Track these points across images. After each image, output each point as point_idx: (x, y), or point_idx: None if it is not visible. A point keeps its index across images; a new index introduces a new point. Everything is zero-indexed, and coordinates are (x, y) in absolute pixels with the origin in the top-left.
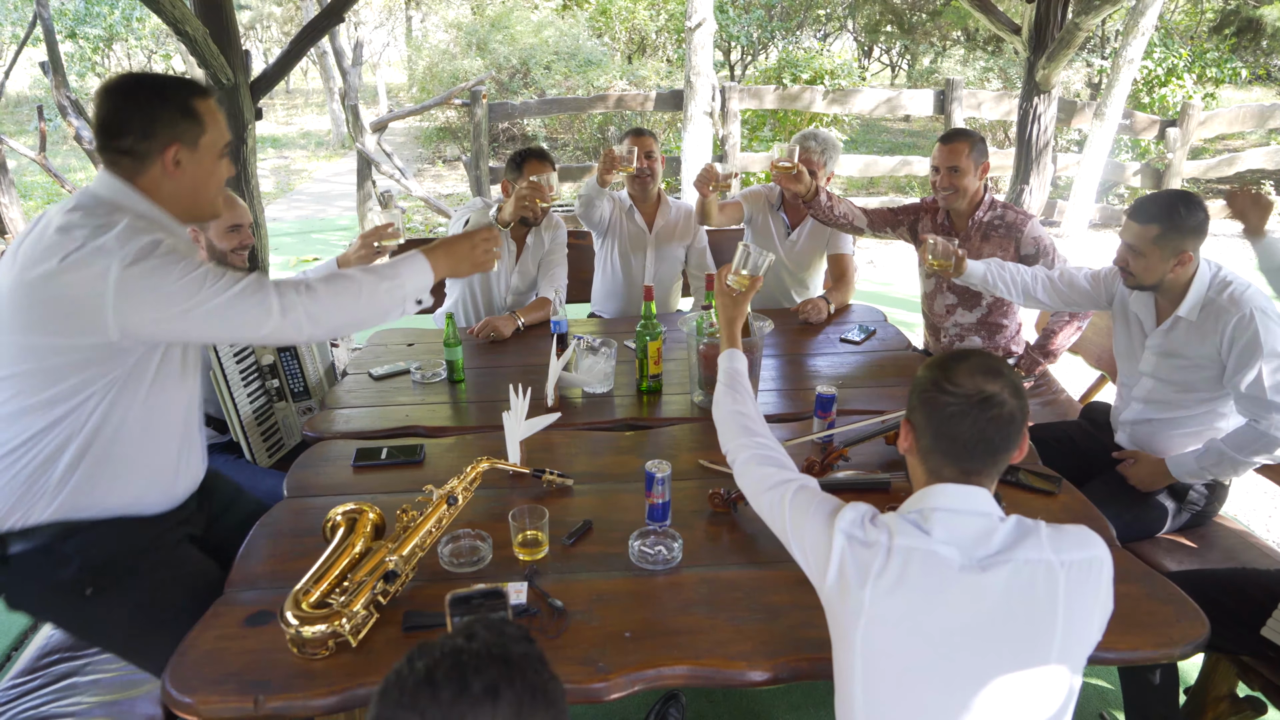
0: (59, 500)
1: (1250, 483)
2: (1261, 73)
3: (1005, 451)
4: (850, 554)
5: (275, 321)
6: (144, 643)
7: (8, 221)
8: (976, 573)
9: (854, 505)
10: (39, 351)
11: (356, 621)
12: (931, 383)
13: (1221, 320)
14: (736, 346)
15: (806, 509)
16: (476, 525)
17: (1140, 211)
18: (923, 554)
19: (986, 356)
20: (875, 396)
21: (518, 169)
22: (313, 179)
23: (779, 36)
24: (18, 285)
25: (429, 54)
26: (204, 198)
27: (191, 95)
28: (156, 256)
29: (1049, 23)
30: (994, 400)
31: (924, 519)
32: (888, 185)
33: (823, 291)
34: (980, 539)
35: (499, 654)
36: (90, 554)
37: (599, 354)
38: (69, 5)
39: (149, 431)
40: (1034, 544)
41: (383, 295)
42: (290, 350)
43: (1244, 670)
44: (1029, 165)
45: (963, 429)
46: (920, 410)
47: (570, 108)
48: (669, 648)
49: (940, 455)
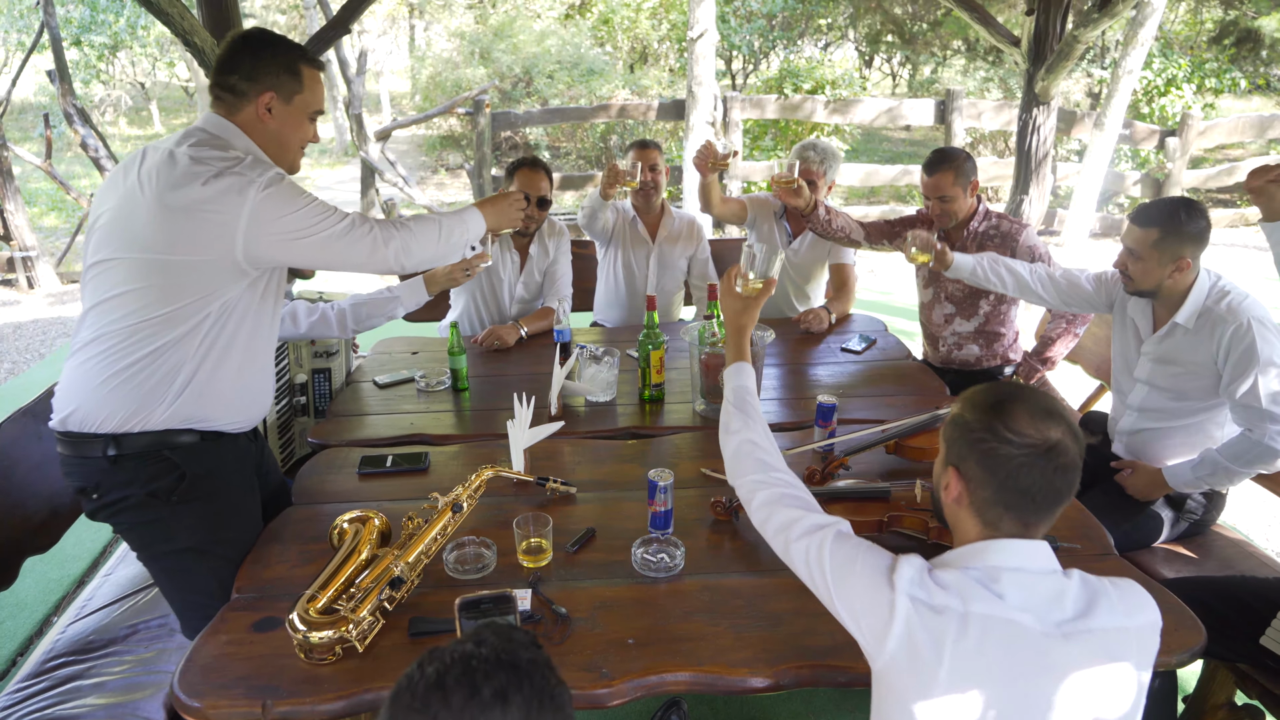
0: (173, 409)
1: (1248, 492)
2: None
3: (1068, 500)
4: (919, 621)
5: (378, 253)
6: (191, 570)
7: (14, 228)
8: (1060, 641)
9: (908, 559)
10: (169, 269)
11: (363, 627)
12: (987, 430)
13: (1218, 329)
14: (746, 359)
15: (852, 563)
16: (481, 532)
17: (1141, 215)
18: (1002, 623)
19: (1038, 395)
20: (876, 406)
21: (510, 176)
22: (316, 186)
23: (780, 46)
24: (157, 207)
25: (432, 63)
26: (287, 149)
27: (300, 58)
28: (286, 184)
29: (1048, 35)
30: (1059, 448)
31: (992, 579)
32: (889, 194)
33: (824, 301)
34: (1054, 601)
35: (508, 660)
36: (188, 463)
37: (602, 363)
38: (74, 13)
39: (250, 353)
40: (1108, 608)
41: (456, 236)
42: (324, 371)
43: (1242, 678)
44: (1028, 176)
45: (1031, 481)
46: (976, 461)
47: (573, 117)
48: (671, 654)
49: (1003, 508)
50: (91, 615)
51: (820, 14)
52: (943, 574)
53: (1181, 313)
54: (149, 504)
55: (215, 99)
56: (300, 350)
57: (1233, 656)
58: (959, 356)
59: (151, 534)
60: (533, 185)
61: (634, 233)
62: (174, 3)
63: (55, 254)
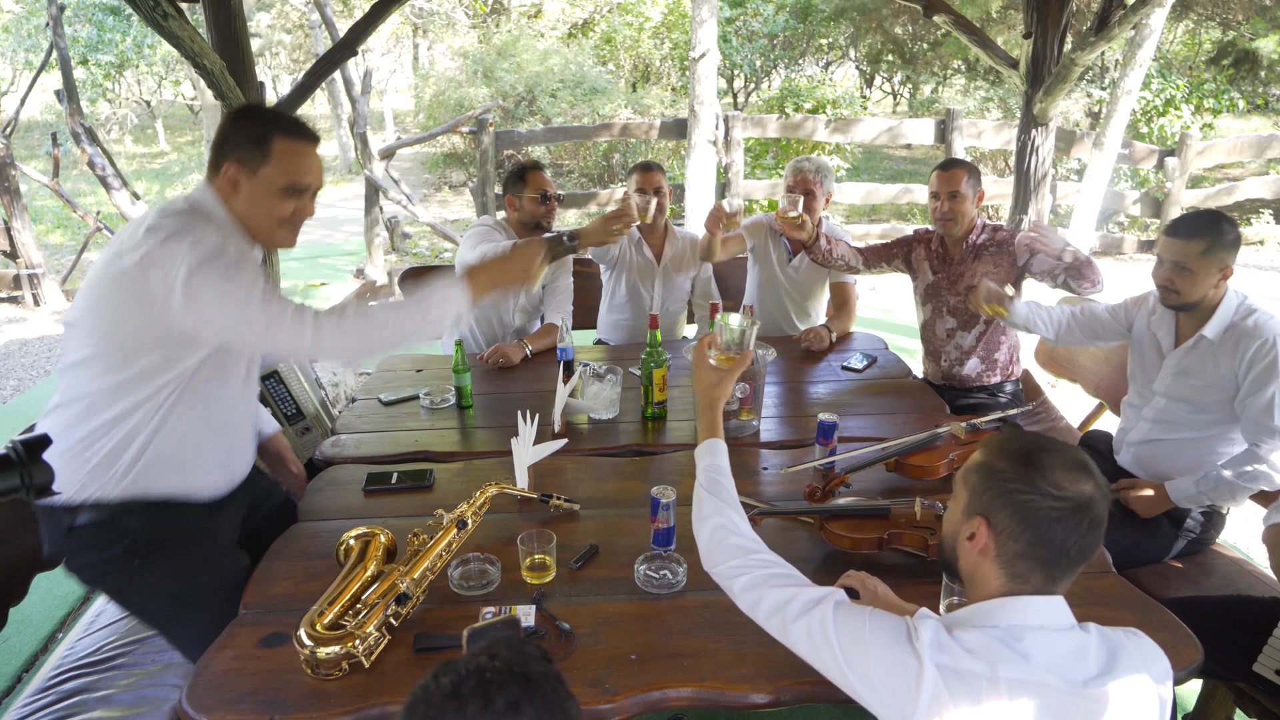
0: (128, 480)
1: (1248, 511)
2: (1260, 102)
3: (1094, 557)
4: (945, 689)
5: (309, 345)
6: (177, 618)
7: (20, 246)
8: (1089, 703)
9: (924, 621)
10: (116, 334)
11: (369, 643)
12: (1024, 481)
13: (1243, 344)
14: (718, 435)
15: (860, 632)
16: (486, 549)
17: (1185, 229)
18: (1031, 686)
19: (1070, 449)
20: (876, 424)
21: (521, 180)
22: (319, 204)
23: (782, 65)
24: (107, 270)
25: (436, 81)
26: (256, 225)
27: (273, 129)
28: (220, 265)
29: (1046, 57)
30: (1093, 504)
31: (1016, 638)
32: (889, 212)
33: (825, 319)
34: (1076, 659)
35: (521, 672)
36: (145, 530)
37: (605, 381)
38: (81, 33)
39: (210, 426)
40: (1128, 663)
41: (410, 327)
42: (274, 375)
43: (1241, 697)
44: (1027, 195)
45: (1065, 536)
46: (1011, 513)
47: (575, 135)
48: (673, 670)
49: (1035, 563)
50: (99, 630)
51: (821, 34)
52: (965, 635)
53: (1210, 326)
54: (112, 570)
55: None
56: None
57: (1231, 675)
58: (959, 373)
59: (125, 595)
60: (544, 184)
61: (640, 256)
62: (184, 26)
63: (61, 271)
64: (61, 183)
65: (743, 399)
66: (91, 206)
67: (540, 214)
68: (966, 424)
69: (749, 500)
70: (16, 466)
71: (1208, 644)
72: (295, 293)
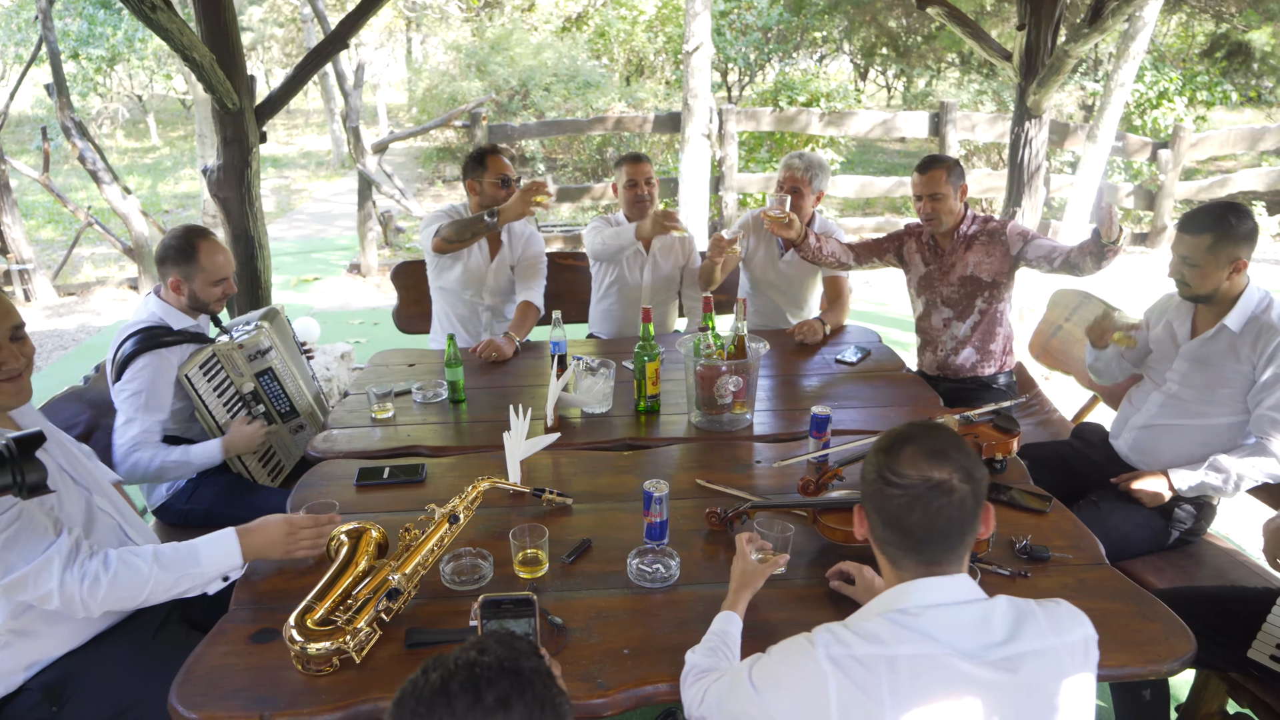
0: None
1: (1240, 502)
2: (1252, 95)
3: (963, 538)
4: (849, 682)
5: (55, 598)
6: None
7: (10, 241)
8: (992, 670)
9: (818, 629)
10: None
11: (360, 638)
12: (877, 472)
13: (1263, 338)
14: (738, 612)
15: (766, 661)
16: (478, 544)
17: (1191, 224)
18: (933, 661)
19: (935, 437)
20: (870, 417)
21: (481, 164)
22: (313, 199)
23: (776, 59)
24: None
25: (429, 75)
26: None
27: None
28: None
29: (1039, 50)
30: (942, 487)
31: (914, 617)
32: (883, 205)
33: (818, 313)
34: (980, 628)
35: (510, 667)
36: (42, 679)
37: (597, 375)
38: (72, 26)
39: None
40: (1035, 630)
41: (170, 587)
42: (269, 372)
43: (1233, 687)
44: (1021, 188)
45: (914, 521)
46: (869, 502)
47: (569, 129)
48: (666, 664)
49: (897, 549)
50: None
51: (815, 27)
52: (865, 625)
53: (1231, 317)
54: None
55: None
56: (234, 359)
57: (1223, 665)
58: (955, 363)
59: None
60: (504, 168)
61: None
62: (173, 19)
63: (52, 267)
64: (52, 178)
65: (736, 392)
66: (83, 201)
67: (500, 198)
68: (960, 416)
69: (742, 494)
70: (9, 464)
71: (1200, 634)
72: (289, 286)
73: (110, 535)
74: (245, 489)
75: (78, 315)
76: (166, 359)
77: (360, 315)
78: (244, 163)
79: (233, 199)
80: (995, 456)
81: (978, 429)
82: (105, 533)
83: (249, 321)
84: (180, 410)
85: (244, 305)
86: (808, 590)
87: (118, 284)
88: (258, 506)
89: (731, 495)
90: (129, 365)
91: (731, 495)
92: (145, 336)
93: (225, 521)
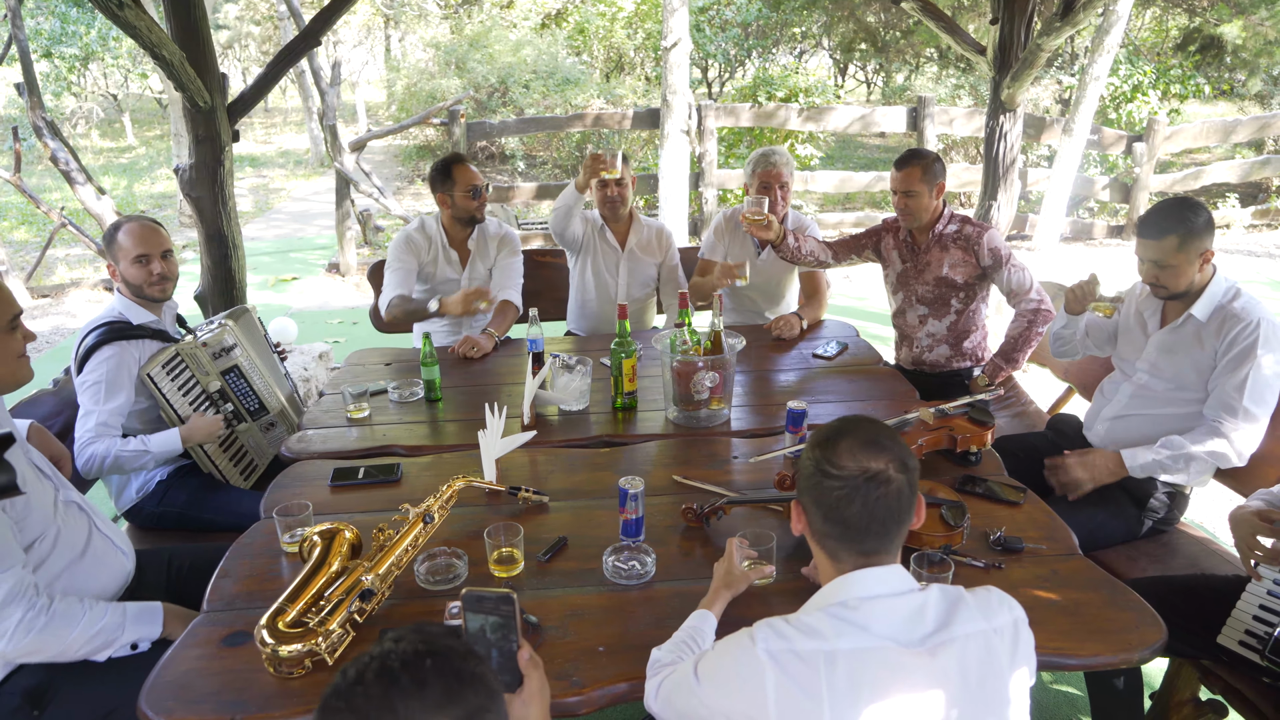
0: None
1: (1212, 491)
2: (1225, 88)
3: (899, 528)
4: (786, 678)
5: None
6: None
7: None
8: (927, 658)
9: (759, 623)
10: None
11: (333, 640)
12: (813, 464)
13: (1227, 324)
14: (713, 611)
15: (710, 655)
16: (452, 543)
17: (1153, 228)
18: (870, 653)
19: (870, 429)
20: (847, 410)
21: (448, 176)
22: (291, 198)
23: (755, 54)
24: None
25: (408, 73)
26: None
27: None
28: None
29: (1013, 44)
30: (879, 478)
31: (852, 610)
32: (863, 200)
33: (796, 307)
34: (915, 618)
35: (425, 650)
36: (23, 683)
37: (574, 372)
38: (44, 25)
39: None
40: (967, 615)
41: (90, 644)
42: (234, 369)
43: (1205, 674)
44: (996, 181)
45: (852, 512)
46: (806, 495)
47: (548, 126)
48: (642, 661)
49: (835, 541)
50: None
51: (794, 22)
52: (805, 619)
53: (1198, 306)
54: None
55: None
56: (198, 357)
57: (1195, 653)
58: (929, 358)
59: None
60: (472, 178)
61: (603, 241)
62: (141, 15)
63: (25, 268)
64: (25, 178)
65: (713, 388)
66: (56, 202)
67: (473, 208)
68: (935, 409)
69: (719, 489)
70: None
71: (1172, 623)
72: (266, 286)
73: (79, 528)
74: (217, 490)
75: (52, 317)
76: (129, 350)
77: (339, 315)
78: (216, 161)
79: (205, 198)
80: (970, 449)
81: (953, 421)
82: (74, 526)
83: (213, 321)
84: (145, 410)
85: (218, 305)
86: (783, 585)
87: (92, 285)
88: (230, 508)
89: (708, 491)
90: (91, 357)
91: (708, 491)
92: (107, 330)
93: (197, 523)
